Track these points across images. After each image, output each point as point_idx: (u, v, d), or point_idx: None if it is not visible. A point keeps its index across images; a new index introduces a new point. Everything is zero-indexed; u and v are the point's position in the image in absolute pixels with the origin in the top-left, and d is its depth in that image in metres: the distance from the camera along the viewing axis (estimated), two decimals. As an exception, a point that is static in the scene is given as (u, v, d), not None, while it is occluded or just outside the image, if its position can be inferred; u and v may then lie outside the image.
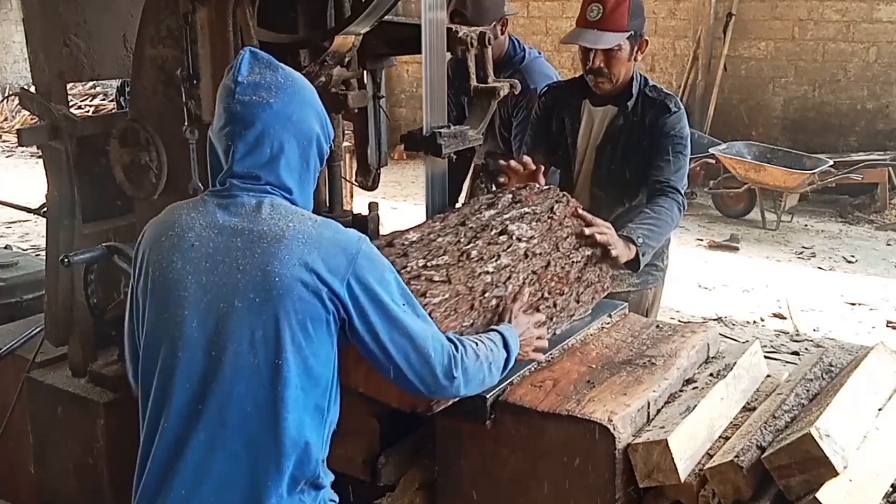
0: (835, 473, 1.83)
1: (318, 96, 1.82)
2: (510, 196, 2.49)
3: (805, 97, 9.36)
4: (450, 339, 1.81)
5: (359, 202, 5.65)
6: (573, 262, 2.40)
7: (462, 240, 2.21)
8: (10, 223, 8.18)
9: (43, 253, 3.12)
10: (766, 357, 2.54)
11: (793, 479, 1.87)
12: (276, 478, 1.67)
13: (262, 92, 1.71)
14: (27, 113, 7.11)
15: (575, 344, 2.43)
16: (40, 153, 2.92)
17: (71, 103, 3.28)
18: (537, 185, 2.60)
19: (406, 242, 2.15)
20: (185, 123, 2.32)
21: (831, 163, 8.00)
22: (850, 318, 5.74)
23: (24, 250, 6.38)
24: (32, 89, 2.87)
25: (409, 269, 2.03)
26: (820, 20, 9.15)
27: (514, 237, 2.27)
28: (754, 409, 2.24)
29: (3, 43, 15.69)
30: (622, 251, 2.54)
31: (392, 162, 8.29)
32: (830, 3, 9.05)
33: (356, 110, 2.82)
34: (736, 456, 1.91)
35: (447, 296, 2.00)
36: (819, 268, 6.98)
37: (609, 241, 2.50)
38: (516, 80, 2.84)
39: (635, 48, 2.91)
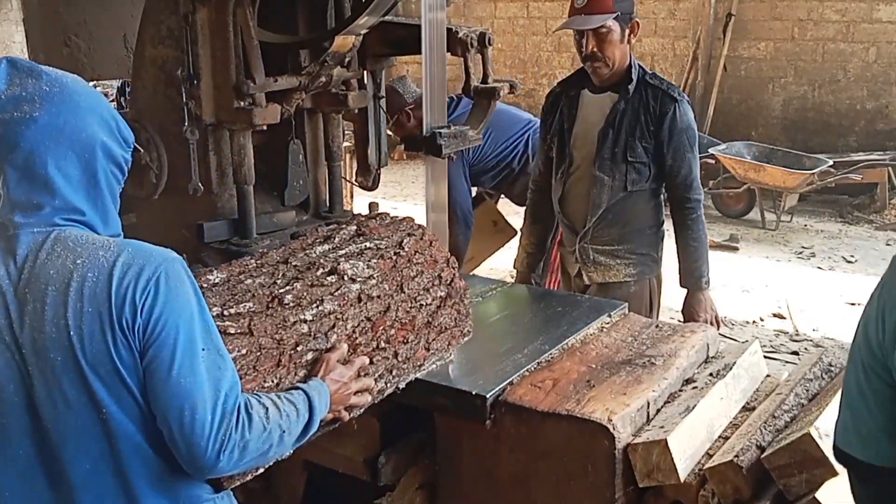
0: (834, 473, 1.83)
1: (101, 97, 1.59)
2: (354, 227, 2.23)
3: (805, 97, 9.36)
4: (243, 406, 1.52)
5: (359, 202, 5.66)
6: (421, 304, 2.13)
7: (278, 281, 1.90)
8: (9, 223, 8.18)
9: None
10: (765, 357, 2.54)
11: (792, 478, 1.87)
12: None
13: (24, 106, 1.47)
14: (27, 113, 7.08)
15: (575, 344, 2.43)
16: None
17: (71, 103, 3.28)
18: (389, 216, 2.35)
19: (206, 284, 1.84)
20: (185, 123, 2.32)
21: (831, 163, 8.00)
22: (849, 318, 5.73)
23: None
24: (32, 89, 2.87)
25: None
26: (820, 20, 9.15)
27: (346, 277, 1.97)
28: (754, 408, 2.24)
29: (3, 43, 15.67)
30: (710, 314, 3.10)
31: (392, 162, 8.29)
32: (830, 3, 9.05)
33: (356, 110, 2.82)
34: (736, 456, 1.92)
35: (244, 351, 1.71)
36: (819, 268, 6.98)
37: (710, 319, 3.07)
38: (516, 81, 2.85)
39: (626, 31, 2.97)
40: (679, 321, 3.07)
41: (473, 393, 2.10)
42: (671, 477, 1.94)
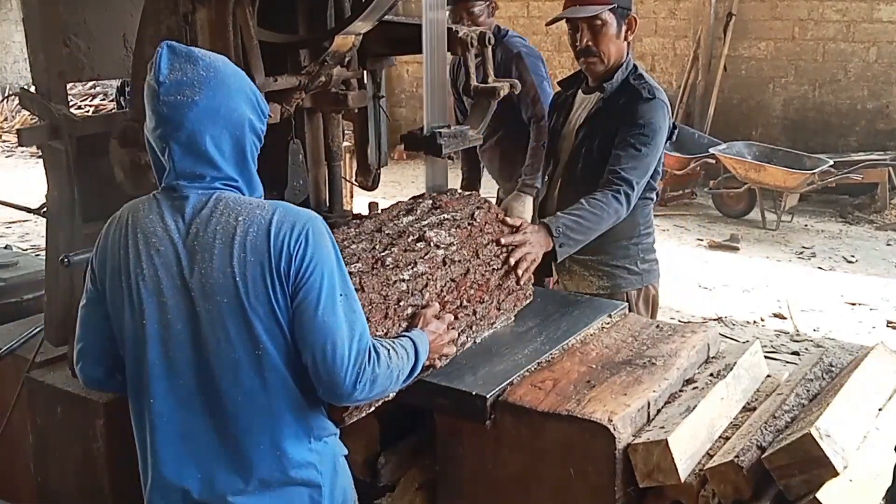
0: (835, 473, 1.83)
1: (245, 76, 1.81)
2: (430, 202, 2.45)
3: (805, 97, 9.36)
4: (372, 345, 1.77)
5: (359, 202, 5.66)
6: (493, 269, 2.39)
7: (377, 247, 2.16)
8: (10, 223, 8.18)
9: (43, 253, 3.12)
10: (766, 357, 2.54)
11: (793, 479, 1.87)
12: (285, 442, 1.76)
13: (185, 90, 1.70)
14: (27, 113, 7.12)
15: (575, 344, 2.43)
16: (40, 153, 2.92)
17: (71, 103, 3.28)
18: (458, 191, 2.58)
19: None
20: (186, 123, 2.32)
21: (831, 163, 8.00)
22: (850, 318, 5.74)
23: (24, 250, 6.37)
24: (32, 89, 2.87)
25: None
26: (820, 20, 9.14)
27: (432, 244, 2.23)
28: (754, 409, 2.24)
29: (3, 43, 15.69)
30: (536, 249, 2.52)
31: (392, 162, 8.31)
32: (830, 3, 9.05)
33: (356, 110, 2.82)
34: (736, 456, 1.91)
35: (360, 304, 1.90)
36: (819, 268, 6.97)
37: (524, 257, 2.48)
38: (516, 80, 2.85)
39: (623, 26, 2.88)
40: (679, 321, 3.05)
41: (473, 393, 2.10)
42: (672, 477, 1.94)
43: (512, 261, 2.45)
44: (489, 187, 4.53)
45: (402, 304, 2.07)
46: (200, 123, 1.70)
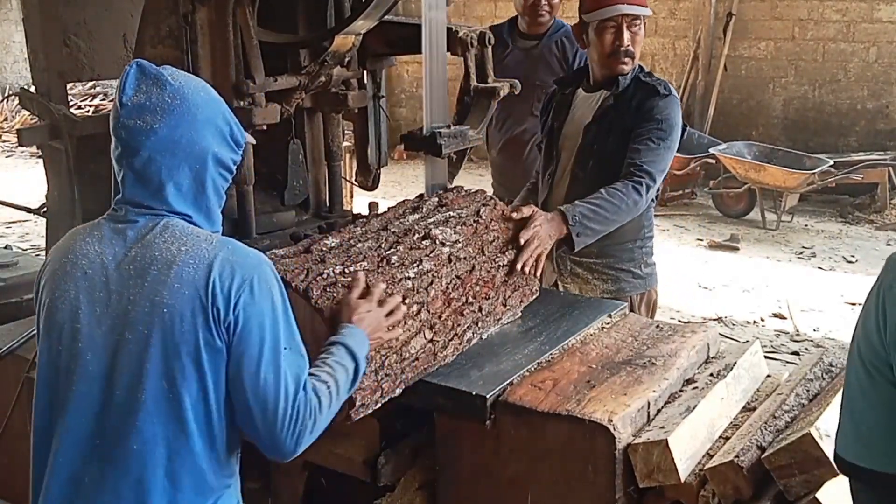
0: (835, 473, 1.83)
1: (218, 105, 1.68)
2: (436, 200, 2.48)
3: (805, 97, 9.36)
4: (315, 395, 1.65)
5: (359, 202, 5.66)
6: (499, 265, 2.39)
7: (383, 245, 2.18)
8: (10, 223, 8.18)
9: (43, 253, 3.12)
10: (766, 357, 2.54)
11: (793, 479, 1.87)
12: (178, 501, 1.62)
13: (146, 116, 1.60)
14: (27, 113, 7.12)
15: (575, 344, 2.43)
16: (40, 153, 2.92)
17: (71, 103, 3.29)
18: (464, 188, 2.58)
19: (324, 248, 2.12)
20: (185, 123, 2.32)
21: (831, 163, 8.00)
22: (850, 318, 5.73)
23: (24, 250, 6.38)
24: (32, 89, 2.87)
25: (325, 275, 1.98)
26: (820, 20, 9.14)
27: (437, 241, 2.25)
28: (754, 409, 2.24)
29: (3, 43, 15.68)
30: (543, 233, 2.48)
31: (392, 162, 8.30)
32: (830, 3, 9.05)
33: (356, 110, 2.82)
34: (736, 456, 1.91)
35: None
36: (819, 268, 6.97)
37: (534, 252, 2.45)
38: (516, 81, 2.84)
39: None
40: (679, 321, 3.05)
41: (473, 393, 2.10)
42: (672, 477, 1.94)
43: (519, 266, 2.42)
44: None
45: (407, 301, 2.06)
46: (157, 153, 1.60)
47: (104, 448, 1.59)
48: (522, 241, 2.43)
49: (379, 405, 2.02)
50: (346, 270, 2.02)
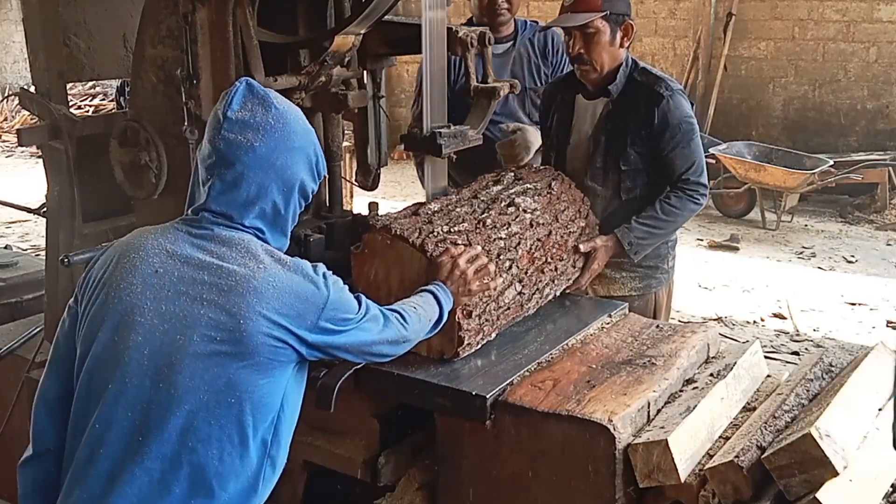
0: (835, 473, 1.83)
1: (313, 136, 1.78)
2: (512, 175, 2.72)
3: (805, 97, 9.36)
4: (396, 315, 1.91)
5: (359, 202, 5.66)
6: (570, 231, 2.65)
7: (477, 210, 2.43)
8: (10, 223, 8.19)
9: (43, 253, 3.12)
10: (766, 357, 2.54)
11: (793, 479, 1.87)
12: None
13: (248, 133, 1.67)
14: (27, 113, 7.12)
15: (575, 344, 2.43)
16: (40, 153, 2.92)
17: (71, 103, 3.29)
18: (533, 165, 2.83)
19: (429, 212, 2.36)
20: (185, 123, 2.32)
21: (831, 163, 8.00)
22: (850, 318, 5.74)
23: (24, 250, 6.38)
24: (32, 89, 2.87)
25: (435, 233, 2.24)
26: (820, 20, 9.14)
27: (520, 209, 2.49)
28: (754, 409, 2.23)
29: (3, 43, 15.69)
30: (601, 265, 2.78)
31: (392, 162, 8.29)
32: (830, 3, 9.05)
33: (356, 110, 2.82)
34: (736, 456, 1.91)
35: None
36: (819, 268, 6.98)
37: (594, 274, 2.77)
38: (516, 81, 2.84)
39: (618, 33, 2.82)
40: (679, 321, 3.06)
41: (473, 393, 2.10)
42: (672, 477, 1.94)
43: (582, 282, 2.74)
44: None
45: (501, 257, 2.34)
46: (252, 170, 1.67)
47: (149, 445, 1.59)
48: (584, 278, 2.74)
49: (479, 346, 2.29)
50: (452, 230, 2.27)
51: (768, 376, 2.46)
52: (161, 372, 1.60)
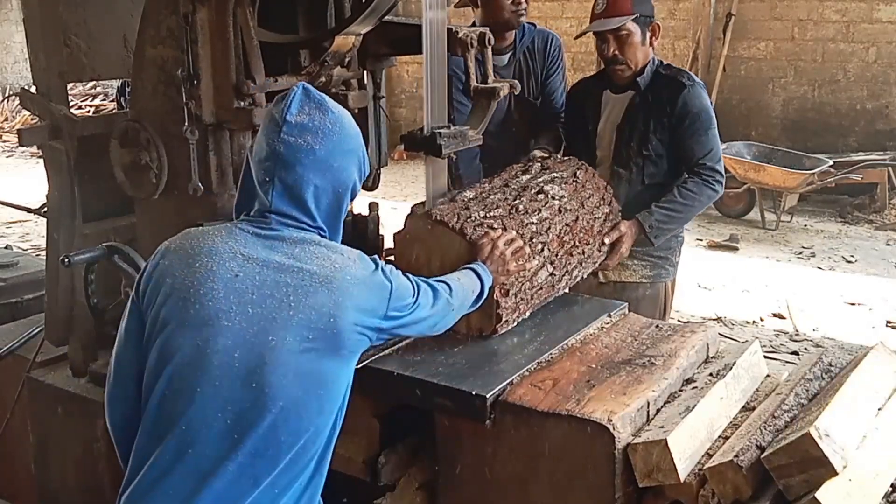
0: (834, 473, 1.83)
1: (361, 139, 1.85)
2: (539, 164, 2.86)
3: (805, 97, 9.36)
4: (440, 281, 2.04)
5: (359, 202, 5.66)
6: (595, 217, 2.78)
7: (509, 197, 2.56)
8: (10, 223, 8.19)
9: (43, 253, 3.12)
10: (765, 357, 2.54)
11: (792, 478, 1.87)
12: (297, 494, 1.71)
13: (307, 136, 1.73)
14: (27, 113, 7.12)
15: (575, 344, 2.43)
16: (40, 153, 2.92)
17: (71, 103, 3.28)
18: (558, 156, 2.97)
19: (465, 199, 2.50)
20: (185, 123, 2.32)
21: (831, 163, 8.01)
22: (849, 318, 5.74)
23: (24, 250, 6.37)
24: (32, 89, 2.87)
25: (472, 218, 2.38)
26: (820, 20, 9.15)
27: (549, 195, 2.62)
28: (754, 408, 2.24)
29: (3, 43, 15.69)
30: (626, 248, 2.90)
31: (392, 162, 8.29)
32: (830, 3, 9.05)
33: (356, 110, 2.82)
34: (735, 456, 1.92)
35: None
36: (819, 268, 6.98)
37: (619, 248, 2.87)
38: (516, 81, 2.85)
39: (647, 33, 3.08)
40: (679, 321, 3.07)
41: (473, 393, 2.10)
42: (671, 477, 1.94)
43: (609, 263, 2.89)
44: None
45: (534, 241, 2.47)
46: (311, 172, 1.73)
47: (245, 444, 1.63)
48: (612, 260, 2.89)
49: (516, 323, 2.46)
50: (488, 215, 2.42)
51: (768, 376, 2.46)
52: (253, 373, 1.64)
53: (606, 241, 2.81)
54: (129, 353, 1.77)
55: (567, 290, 2.75)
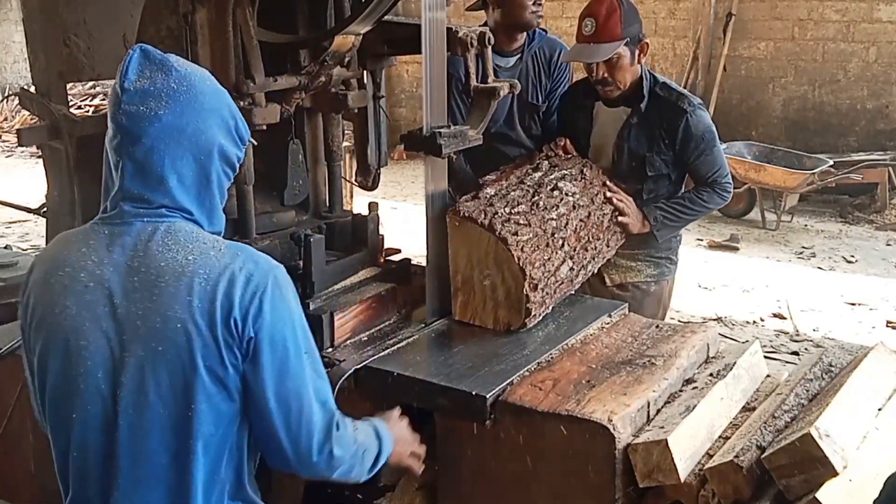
0: (835, 473, 1.83)
1: (225, 96, 1.62)
2: (547, 162, 2.90)
3: (805, 97, 9.36)
4: (337, 414, 1.67)
5: (359, 202, 5.65)
6: (604, 213, 2.84)
7: (528, 193, 2.62)
8: (10, 223, 8.18)
9: (43, 253, 3.11)
10: (765, 357, 2.54)
11: (793, 479, 1.87)
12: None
13: (150, 101, 1.50)
14: (27, 113, 7.12)
15: (575, 344, 2.43)
16: (40, 153, 2.92)
17: (71, 103, 3.28)
18: (563, 154, 3.00)
19: (487, 196, 2.55)
20: (185, 123, 2.31)
21: (831, 163, 8.00)
22: (849, 318, 5.74)
23: (24, 250, 6.37)
24: (32, 89, 2.87)
25: (499, 214, 2.42)
26: (820, 20, 9.14)
27: (563, 192, 2.68)
28: (754, 409, 2.24)
29: (3, 43, 15.69)
30: (633, 221, 2.95)
31: (392, 162, 8.29)
32: (830, 3, 9.05)
33: (356, 110, 2.82)
34: (736, 456, 1.91)
35: (530, 235, 2.43)
36: (819, 268, 6.97)
37: (623, 208, 2.91)
38: (516, 81, 2.84)
39: (636, 52, 2.98)
40: (679, 321, 3.08)
41: (473, 393, 2.10)
42: (671, 477, 1.94)
43: (616, 202, 2.90)
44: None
45: (555, 236, 2.53)
46: (161, 141, 1.51)
47: (125, 470, 1.53)
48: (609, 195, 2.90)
49: (542, 316, 2.50)
50: (513, 211, 2.46)
51: (768, 376, 2.46)
52: (117, 395, 1.51)
53: (608, 194, 2.86)
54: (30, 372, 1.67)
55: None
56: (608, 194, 2.88)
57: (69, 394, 1.54)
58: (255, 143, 1.99)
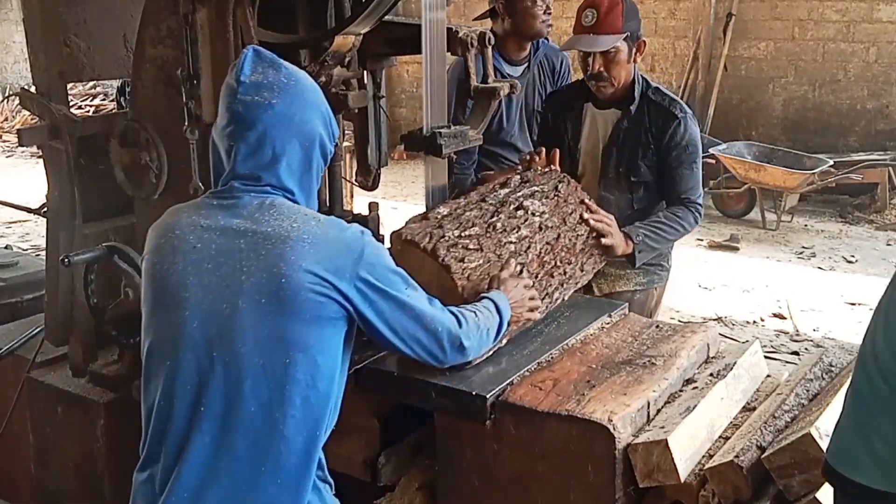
0: (835, 473, 1.83)
1: (323, 96, 1.82)
2: (518, 177, 2.69)
3: (805, 97, 9.36)
4: (452, 312, 1.90)
5: (359, 202, 5.65)
6: (578, 234, 2.62)
7: (486, 213, 2.43)
8: (10, 223, 8.19)
9: (43, 253, 3.12)
10: (766, 357, 2.54)
11: (793, 479, 1.87)
12: (281, 476, 1.67)
13: (264, 92, 1.71)
14: (27, 113, 7.12)
15: (575, 344, 2.43)
16: (40, 153, 2.92)
17: (71, 103, 3.28)
18: (539, 168, 2.79)
19: (439, 216, 2.37)
20: (185, 123, 2.32)
21: (831, 163, 8.00)
22: (850, 318, 5.74)
23: (24, 250, 6.37)
24: (32, 89, 2.87)
25: (446, 238, 2.25)
26: (820, 20, 9.14)
27: (529, 212, 2.49)
28: (754, 409, 2.24)
29: (3, 43, 15.69)
30: (618, 242, 2.72)
31: (392, 162, 8.28)
32: (830, 3, 9.05)
33: (356, 110, 2.82)
34: (736, 456, 1.92)
35: (480, 261, 2.25)
36: (819, 268, 6.98)
37: (603, 229, 2.67)
38: (517, 81, 2.84)
39: (633, 50, 2.95)
40: (679, 321, 3.07)
41: (473, 393, 2.10)
42: (671, 477, 1.94)
43: (588, 216, 2.65)
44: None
45: (511, 261, 2.32)
46: (273, 127, 1.71)
47: (212, 415, 1.64)
48: (587, 216, 2.67)
49: (491, 353, 2.25)
50: (462, 234, 2.28)
51: (768, 376, 2.46)
52: (212, 343, 1.65)
53: (585, 216, 2.63)
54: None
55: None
56: (585, 215, 2.64)
57: (168, 343, 1.68)
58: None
